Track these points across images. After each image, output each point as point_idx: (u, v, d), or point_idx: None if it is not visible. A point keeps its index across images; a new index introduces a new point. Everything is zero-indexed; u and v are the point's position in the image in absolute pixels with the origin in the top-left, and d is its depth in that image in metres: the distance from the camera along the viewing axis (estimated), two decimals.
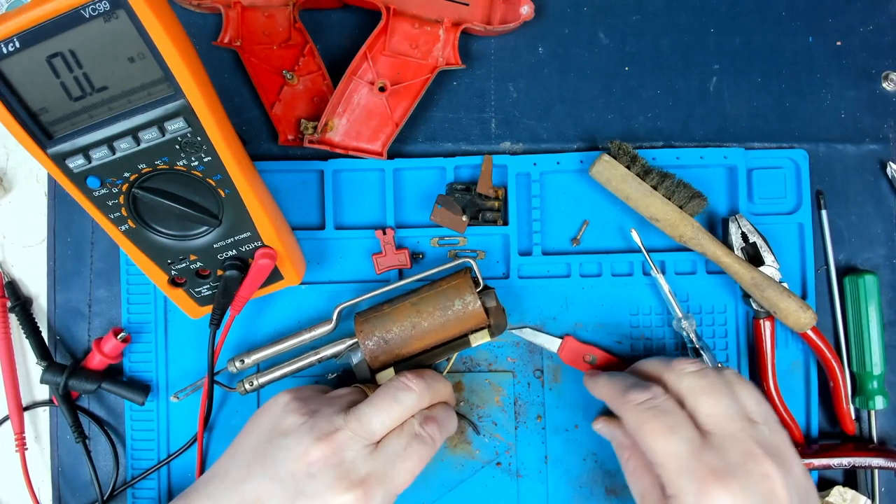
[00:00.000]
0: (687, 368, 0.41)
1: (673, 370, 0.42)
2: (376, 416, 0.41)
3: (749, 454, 0.37)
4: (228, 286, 0.45)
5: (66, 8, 0.33)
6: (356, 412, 0.42)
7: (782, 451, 0.39)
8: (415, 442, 0.41)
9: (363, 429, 0.41)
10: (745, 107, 0.53)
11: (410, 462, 0.41)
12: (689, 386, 0.41)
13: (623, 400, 0.42)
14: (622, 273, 0.52)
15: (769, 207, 0.52)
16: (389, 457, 0.40)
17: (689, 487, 0.37)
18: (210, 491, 0.41)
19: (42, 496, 0.52)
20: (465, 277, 0.47)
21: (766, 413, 0.41)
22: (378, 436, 0.41)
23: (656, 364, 0.44)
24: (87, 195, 0.40)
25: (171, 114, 0.37)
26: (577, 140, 0.53)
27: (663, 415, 0.39)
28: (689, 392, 0.40)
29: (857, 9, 0.53)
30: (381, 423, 0.41)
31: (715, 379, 0.41)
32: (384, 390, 0.43)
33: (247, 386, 0.49)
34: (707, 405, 0.40)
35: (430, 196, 0.52)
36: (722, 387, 0.40)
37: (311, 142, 0.50)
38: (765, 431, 0.39)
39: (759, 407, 0.40)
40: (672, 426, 0.39)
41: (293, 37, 0.50)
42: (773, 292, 0.48)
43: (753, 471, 0.37)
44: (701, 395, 0.40)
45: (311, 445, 0.40)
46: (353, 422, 0.41)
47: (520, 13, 0.50)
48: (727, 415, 0.39)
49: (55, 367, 0.49)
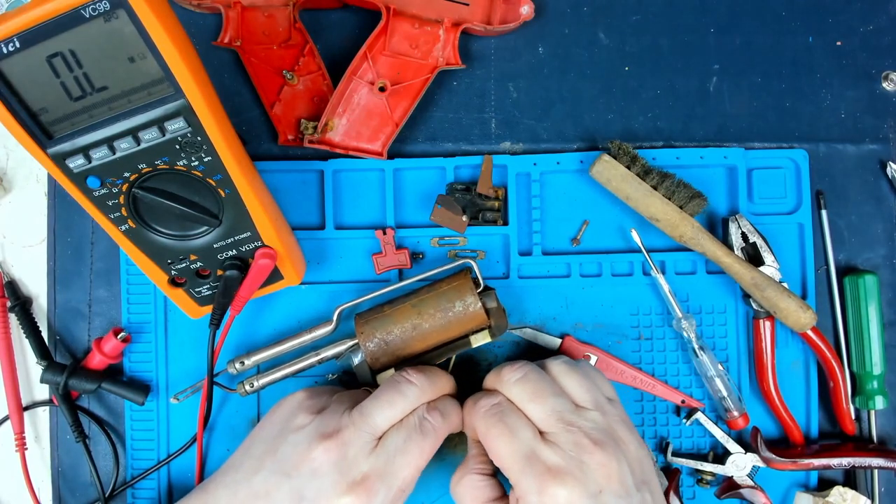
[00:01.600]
0: (512, 378, 0.42)
1: (501, 380, 0.43)
2: (379, 411, 0.42)
3: (579, 446, 0.39)
4: (228, 286, 0.45)
5: (66, 8, 0.33)
6: (360, 408, 0.42)
7: (613, 432, 0.41)
8: (415, 434, 0.42)
9: (366, 423, 0.41)
10: (745, 107, 0.53)
11: (411, 455, 0.41)
12: (517, 395, 0.42)
13: (474, 409, 0.43)
14: (622, 273, 0.52)
15: (769, 207, 0.52)
16: (390, 452, 0.41)
17: (531, 487, 0.38)
18: (227, 481, 0.42)
19: (42, 496, 0.52)
20: (466, 278, 0.47)
21: (594, 397, 0.42)
22: (381, 430, 0.42)
23: (492, 378, 0.45)
24: (87, 195, 0.40)
25: (171, 114, 0.37)
26: (577, 140, 0.53)
27: (505, 417, 0.41)
28: (518, 400, 0.42)
29: (857, 9, 0.53)
30: (384, 418, 0.42)
31: (537, 381, 0.42)
32: (387, 385, 0.44)
33: (247, 387, 0.49)
34: (535, 410, 0.41)
35: (430, 196, 0.52)
36: (544, 388, 0.41)
37: (311, 142, 0.50)
38: (594, 417, 0.41)
39: (587, 393, 0.42)
40: (512, 428, 0.40)
41: (293, 37, 0.50)
42: (773, 292, 0.48)
43: (586, 461, 0.38)
44: (528, 402, 0.41)
45: (316, 444, 0.40)
46: (357, 418, 0.41)
47: (520, 13, 0.50)
48: (555, 413, 0.40)
49: (55, 367, 0.49)
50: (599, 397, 0.42)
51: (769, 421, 0.52)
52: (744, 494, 0.49)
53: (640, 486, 0.39)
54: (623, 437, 0.41)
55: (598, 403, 0.42)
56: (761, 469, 0.50)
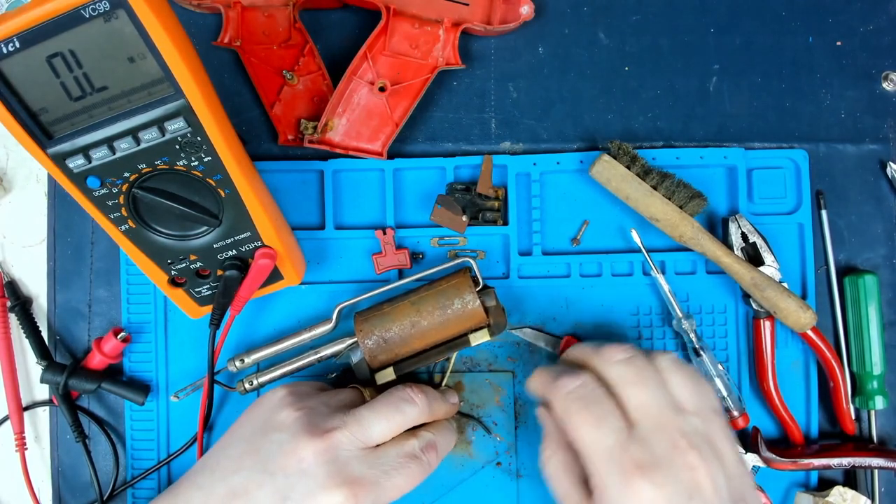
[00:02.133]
0: (616, 356, 0.40)
1: (602, 358, 0.41)
2: (377, 423, 0.41)
3: (675, 446, 0.36)
4: (228, 286, 0.45)
5: (66, 8, 0.33)
6: (356, 414, 0.41)
7: (713, 441, 0.38)
8: (412, 462, 0.41)
9: (362, 432, 0.41)
10: (745, 107, 0.53)
11: (402, 479, 0.40)
12: (618, 375, 0.39)
13: (553, 388, 0.40)
14: (622, 273, 0.52)
15: (769, 207, 0.52)
16: (384, 467, 0.40)
17: (614, 480, 0.36)
18: (201, 481, 0.41)
19: (42, 496, 0.52)
20: (465, 277, 0.47)
21: (699, 402, 0.39)
22: (374, 442, 0.41)
23: (587, 351, 0.42)
24: (87, 195, 0.40)
25: (171, 114, 0.37)
26: (577, 140, 0.53)
27: (592, 404, 0.38)
28: (617, 381, 0.39)
29: (857, 9, 0.53)
30: (380, 431, 0.41)
31: (644, 368, 0.39)
32: (387, 399, 0.43)
33: (246, 385, 0.49)
34: (634, 396, 0.38)
35: (430, 196, 0.52)
36: (651, 376, 0.39)
37: (311, 142, 0.50)
38: (695, 423, 0.38)
39: (692, 397, 0.39)
40: (600, 417, 0.38)
41: (293, 37, 0.50)
42: (773, 292, 0.48)
43: (679, 463, 0.36)
44: (630, 386, 0.39)
45: (305, 441, 0.39)
46: (352, 423, 0.41)
47: (520, 13, 0.50)
48: (655, 405, 0.38)
49: (55, 367, 0.49)
50: (704, 404, 0.39)
51: (769, 421, 0.52)
52: None
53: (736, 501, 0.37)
54: (723, 450, 0.38)
55: (700, 409, 0.39)
56: (761, 469, 0.50)
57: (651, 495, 0.35)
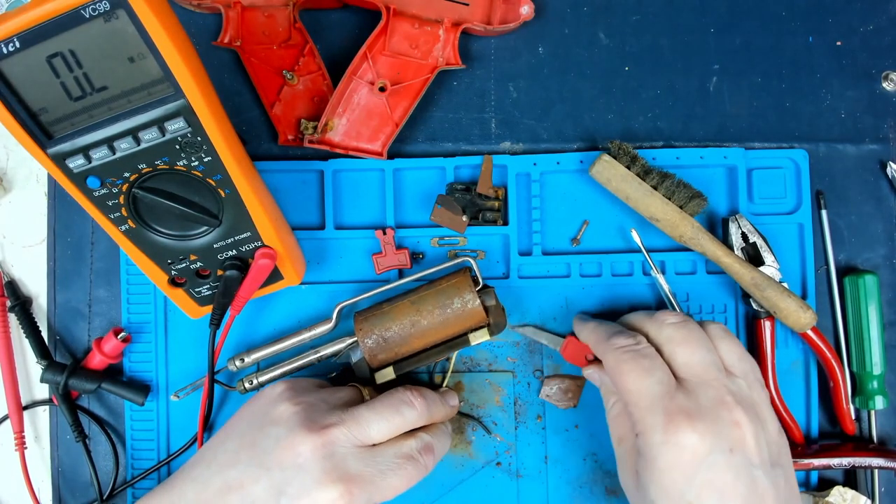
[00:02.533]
0: (668, 319, 0.42)
1: (655, 320, 0.43)
2: (375, 423, 0.41)
3: (721, 401, 0.38)
4: (228, 286, 0.45)
5: (66, 8, 0.33)
6: (355, 412, 0.41)
7: (757, 406, 0.40)
8: (408, 463, 0.41)
9: (360, 430, 0.41)
10: (745, 107, 0.53)
11: (399, 480, 0.41)
12: (669, 335, 0.41)
13: (607, 344, 0.42)
14: (622, 273, 0.52)
15: (769, 207, 0.52)
16: (380, 466, 0.40)
17: (657, 422, 0.37)
18: (196, 474, 0.41)
19: (42, 496, 0.52)
20: (465, 276, 0.47)
21: (746, 369, 0.41)
22: (372, 441, 0.41)
23: (641, 316, 0.44)
24: (87, 195, 0.40)
25: (171, 114, 0.37)
26: (577, 140, 0.53)
27: (642, 358, 0.40)
28: (667, 341, 0.41)
29: (857, 9, 0.53)
30: (379, 431, 0.41)
31: (694, 330, 0.41)
32: (387, 400, 0.43)
33: (246, 385, 0.49)
34: (683, 354, 0.40)
35: (430, 196, 0.52)
36: (700, 338, 0.41)
37: (311, 142, 0.50)
38: (741, 384, 0.40)
39: (740, 362, 0.41)
40: (648, 368, 0.39)
41: (293, 37, 0.50)
42: (773, 292, 0.48)
43: (724, 416, 0.37)
44: (678, 345, 0.40)
45: (302, 436, 0.39)
46: (350, 421, 0.41)
47: (520, 13, 0.50)
48: (703, 364, 0.39)
49: (55, 367, 0.49)
50: (751, 371, 0.41)
51: None
52: None
53: (774, 465, 0.38)
54: (766, 416, 0.40)
55: (747, 375, 0.41)
56: None
57: (693, 441, 0.36)
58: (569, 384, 0.50)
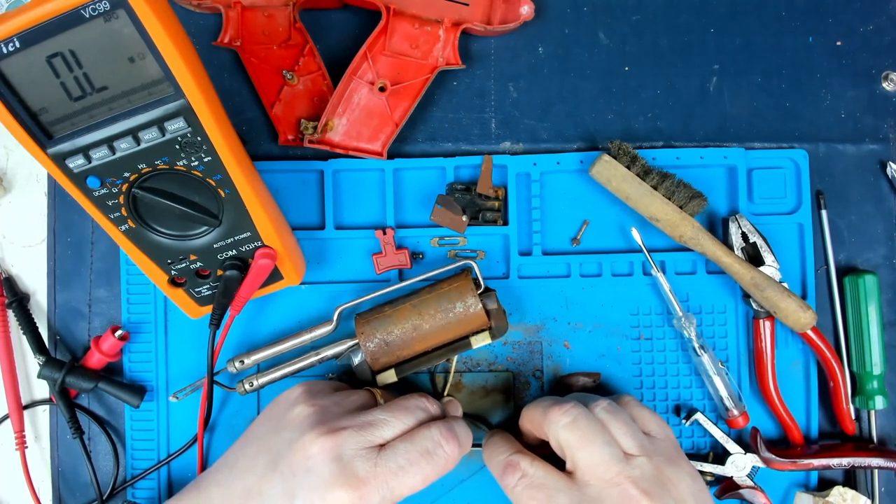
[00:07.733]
0: (560, 421, 0.41)
1: (550, 423, 0.42)
2: (388, 427, 0.41)
3: (627, 497, 0.38)
4: (228, 286, 0.45)
5: (66, 8, 0.33)
6: (369, 416, 0.41)
7: (663, 475, 0.40)
8: (423, 459, 0.40)
9: (371, 432, 0.40)
10: (745, 107, 0.53)
11: (412, 478, 0.40)
12: (565, 440, 0.41)
13: (500, 478, 0.42)
14: (622, 273, 0.52)
15: (769, 207, 0.52)
16: (392, 467, 0.39)
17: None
18: (220, 479, 0.42)
19: (42, 495, 0.52)
20: (467, 279, 0.47)
21: (640, 441, 0.41)
22: (384, 441, 0.41)
23: (538, 416, 0.43)
24: (87, 195, 0.40)
25: (171, 114, 0.37)
26: (577, 140, 0.53)
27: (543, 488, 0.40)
28: (566, 447, 0.41)
29: (857, 9, 0.53)
30: (391, 431, 0.41)
31: (586, 428, 0.40)
32: (402, 405, 0.43)
33: (247, 386, 0.49)
34: (582, 458, 0.40)
35: (430, 196, 0.52)
36: (594, 434, 0.40)
37: (311, 142, 0.50)
38: (642, 464, 0.40)
39: (632, 440, 0.41)
40: (551, 496, 0.39)
41: (293, 37, 0.50)
42: (773, 292, 0.48)
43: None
44: (577, 450, 0.40)
45: (313, 438, 0.39)
46: (361, 422, 0.41)
47: (520, 13, 0.50)
48: (602, 463, 0.39)
49: (53, 363, 0.49)
50: (644, 441, 0.41)
51: (769, 421, 0.52)
52: (744, 495, 0.49)
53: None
54: (672, 478, 0.40)
55: (643, 448, 0.41)
56: (761, 469, 0.50)
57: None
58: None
